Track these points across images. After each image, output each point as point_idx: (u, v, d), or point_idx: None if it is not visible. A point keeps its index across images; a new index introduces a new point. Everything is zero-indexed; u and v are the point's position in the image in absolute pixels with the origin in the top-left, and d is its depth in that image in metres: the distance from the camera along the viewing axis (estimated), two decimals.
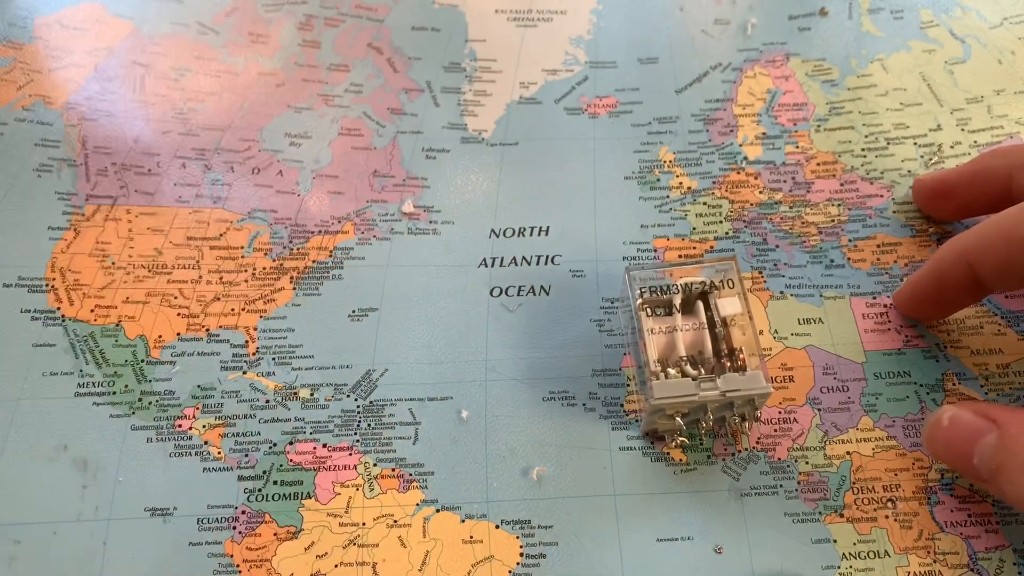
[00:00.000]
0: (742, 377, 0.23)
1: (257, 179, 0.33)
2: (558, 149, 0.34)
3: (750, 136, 0.34)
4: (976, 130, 0.33)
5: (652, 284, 0.25)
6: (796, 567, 0.23)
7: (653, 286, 0.25)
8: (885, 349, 0.27)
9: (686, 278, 0.25)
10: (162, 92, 0.36)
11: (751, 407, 0.24)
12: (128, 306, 0.29)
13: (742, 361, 0.23)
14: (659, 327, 0.24)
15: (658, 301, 0.25)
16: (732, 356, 0.24)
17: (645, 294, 0.25)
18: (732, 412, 0.24)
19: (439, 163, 0.34)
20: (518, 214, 0.32)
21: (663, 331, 0.24)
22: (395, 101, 0.36)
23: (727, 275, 0.25)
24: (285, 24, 0.39)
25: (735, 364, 0.23)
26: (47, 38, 0.38)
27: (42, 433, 0.26)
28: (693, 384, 0.23)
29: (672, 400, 0.23)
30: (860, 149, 0.33)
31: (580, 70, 0.37)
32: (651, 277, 0.25)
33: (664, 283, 0.25)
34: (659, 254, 0.30)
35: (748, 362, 0.23)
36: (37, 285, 0.30)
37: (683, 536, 0.24)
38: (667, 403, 0.23)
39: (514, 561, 0.24)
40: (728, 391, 0.23)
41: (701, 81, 0.36)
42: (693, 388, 0.23)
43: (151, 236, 0.31)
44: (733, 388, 0.23)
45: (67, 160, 0.33)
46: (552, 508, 0.24)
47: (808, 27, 0.38)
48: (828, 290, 0.29)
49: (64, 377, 0.27)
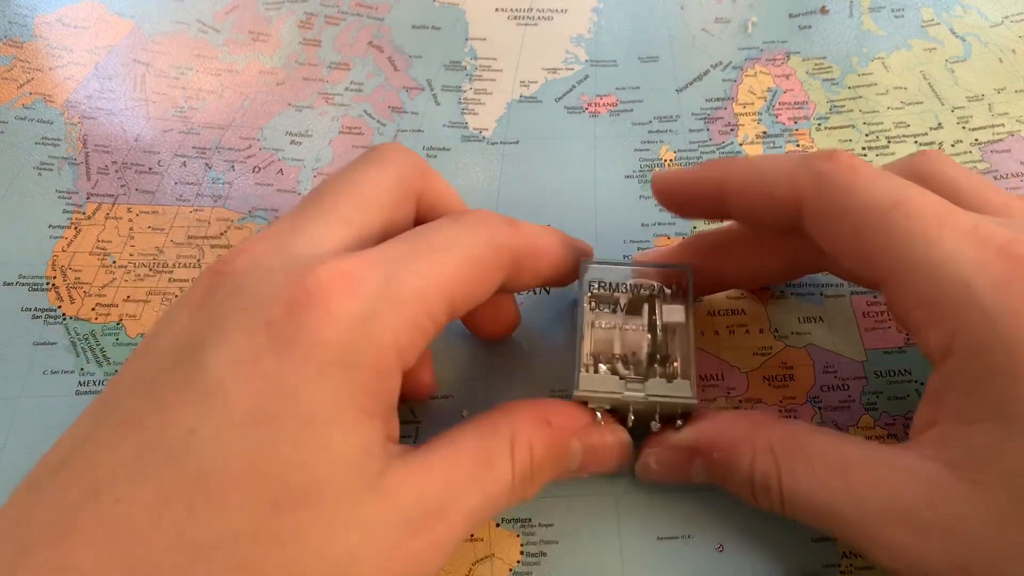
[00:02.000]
0: (669, 384, 0.23)
1: (258, 177, 0.33)
2: (558, 148, 0.34)
3: (751, 135, 0.34)
4: (977, 128, 0.33)
5: (605, 280, 0.25)
6: (799, 566, 0.23)
7: (605, 282, 0.25)
8: (886, 347, 0.27)
9: (639, 280, 0.25)
10: (163, 90, 0.36)
11: (676, 418, 0.23)
12: (129, 304, 0.29)
13: (674, 369, 0.23)
14: (602, 322, 0.24)
15: (606, 297, 0.25)
16: (665, 363, 0.24)
17: (595, 288, 0.25)
18: (655, 419, 0.23)
19: (439, 161, 0.34)
20: (518, 213, 0.32)
21: (604, 327, 0.24)
22: (396, 99, 0.36)
23: (680, 284, 0.25)
24: (285, 22, 0.39)
25: (667, 371, 0.23)
26: (47, 36, 0.38)
27: (43, 432, 0.26)
28: (620, 383, 0.23)
29: (595, 395, 0.23)
30: (861, 148, 0.33)
31: (580, 69, 0.37)
32: (606, 273, 0.25)
33: (617, 281, 0.25)
34: None
35: (680, 371, 0.23)
36: (38, 283, 0.30)
37: (684, 534, 0.24)
38: (590, 396, 0.23)
39: (514, 559, 0.24)
40: (652, 395, 0.23)
41: (702, 80, 0.36)
42: (619, 387, 0.23)
43: (152, 234, 0.31)
44: (658, 393, 0.23)
45: (67, 158, 0.33)
46: (552, 506, 0.24)
47: (809, 25, 0.38)
48: (828, 288, 0.29)
49: (65, 375, 0.27)
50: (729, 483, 0.22)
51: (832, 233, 0.21)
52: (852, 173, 0.21)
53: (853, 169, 0.21)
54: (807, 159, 0.22)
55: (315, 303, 0.17)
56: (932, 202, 0.20)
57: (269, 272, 0.18)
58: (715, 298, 0.29)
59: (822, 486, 0.20)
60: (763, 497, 0.21)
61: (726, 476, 0.22)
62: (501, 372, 0.27)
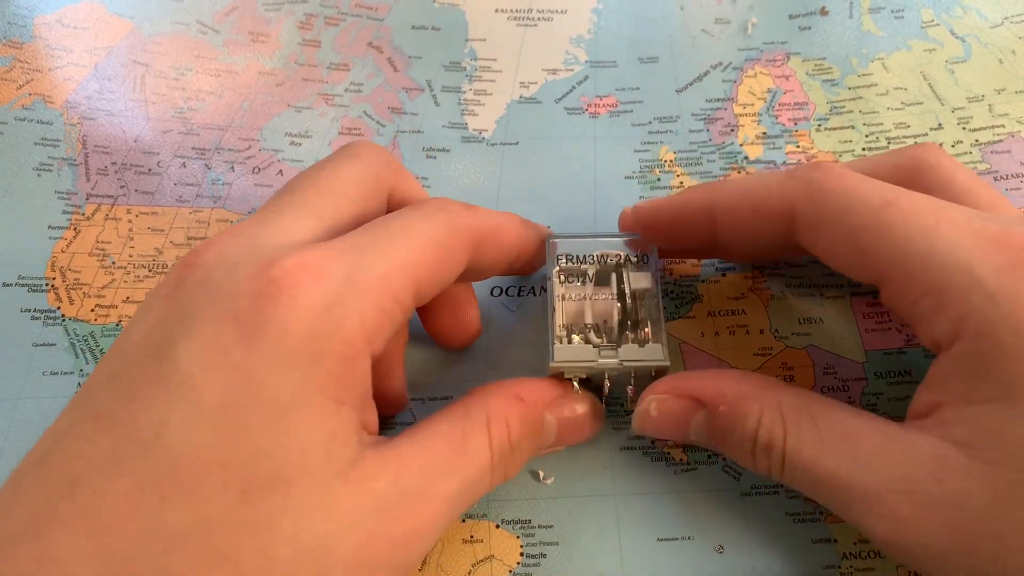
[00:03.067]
0: (641, 349, 0.23)
1: (257, 178, 0.33)
2: (558, 149, 0.34)
3: (751, 136, 0.34)
4: (977, 129, 0.33)
5: (571, 254, 0.26)
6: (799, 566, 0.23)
7: (572, 255, 0.26)
8: (886, 348, 0.27)
9: (605, 251, 0.26)
10: (162, 91, 0.36)
11: (650, 380, 0.24)
12: (128, 306, 0.29)
13: (645, 334, 0.24)
14: (571, 294, 0.25)
15: (574, 270, 0.25)
16: (636, 328, 0.24)
17: (562, 262, 0.26)
18: (631, 383, 0.24)
19: (439, 162, 0.34)
20: (518, 213, 0.32)
21: (574, 299, 0.25)
22: (395, 100, 0.36)
23: (645, 251, 0.26)
24: (285, 23, 0.39)
25: (638, 336, 0.24)
26: (47, 37, 0.38)
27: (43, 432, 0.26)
28: (593, 351, 0.23)
29: (571, 364, 0.23)
30: (861, 148, 0.33)
31: (580, 69, 0.37)
32: (572, 247, 0.26)
33: (584, 252, 0.26)
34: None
35: (652, 336, 0.24)
36: (37, 284, 0.30)
37: (683, 536, 0.24)
38: (566, 367, 0.23)
39: (514, 561, 0.24)
40: (625, 360, 0.23)
41: (701, 80, 0.36)
42: (593, 355, 0.23)
43: (151, 235, 0.31)
44: (631, 358, 0.23)
45: (67, 159, 0.33)
46: (552, 508, 0.24)
47: (809, 26, 0.38)
48: (828, 289, 0.29)
49: (64, 376, 0.27)
50: (728, 441, 0.22)
51: (828, 237, 0.22)
52: (841, 178, 0.21)
53: (841, 175, 0.22)
54: (794, 171, 0.23)
55: (281, 293, 0.18)
56: (924, 199, 0.20)
57: (237, 265, 0.19)
58: (715, 298, 0.29)
59: (829, 452, 0.20)
60: (762, 458, 0.21)
61: (727, 433, 0.22)
62: (499, 372, 0.27)
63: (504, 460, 0.21)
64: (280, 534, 0.17)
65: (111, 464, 0.16)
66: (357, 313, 0.18)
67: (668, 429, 0.23)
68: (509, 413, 0.21)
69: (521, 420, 0.22)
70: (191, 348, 0.17)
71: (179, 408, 0.17)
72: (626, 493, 0.25)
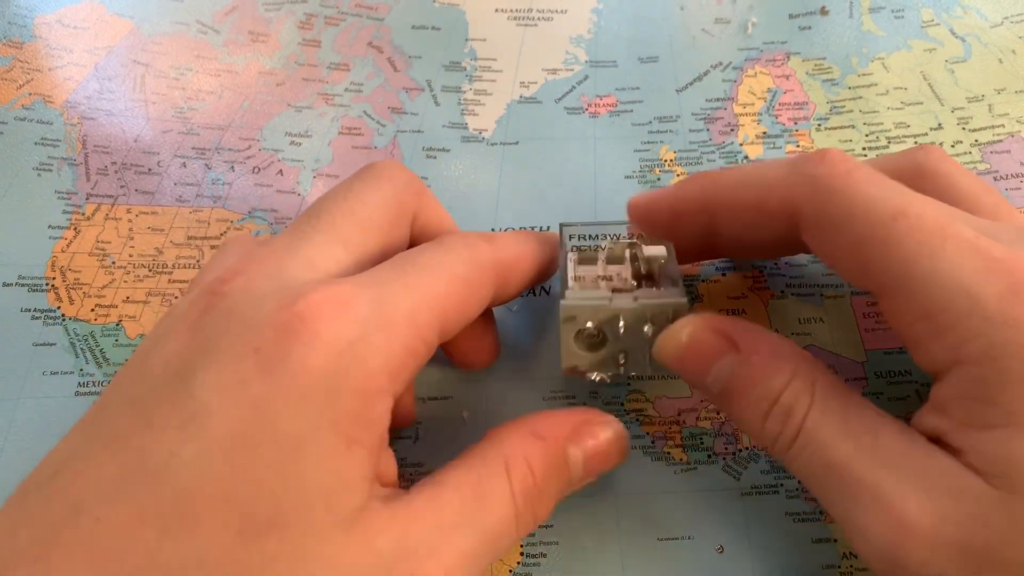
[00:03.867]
0: (658, 291, 0.22)
1: (257, 178, 0.33)
2: (558, 148, 0.34)
3: (751, 135, 0.34)
4: (977, 129, 0.33)
5: (584, 242, 0.25)
6: (799, 566, 0.23)
7: (584, 243, 0.25)
8: (886, 348, 0.27)
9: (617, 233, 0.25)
10: (162, 91, 0.36)
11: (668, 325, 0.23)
12: (128, 305, 0.29)
13: (662, 284, 0.23)
14: (584, 273, 0.24)
15: (589, 254, 0.25)
16: (650, 279, 0.23)
17: (574, 241, 0.25)
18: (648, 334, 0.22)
19: (439, 162, 0.34)
20: (518, 213, 0.32)
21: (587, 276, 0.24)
22: (395, 100, 0.36)
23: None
24: (285, 23, 0.39)
25: (654, 284, 0.23)
26: (47, 37, 0.38)
27: (43, 432, 0.26)
28: (608, 293, 0.22)
29: (584, 303, 0.22)
30: (861, 148, 0.33)
31: (580, 69, 0.37)
32: (584, 231, 0.25)
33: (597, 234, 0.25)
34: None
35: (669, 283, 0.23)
36: (37, 284, 0.30)
37: (684, 536, 0.24)
38: (579, 306, 0.22)
39: (514, 560, 0.24)
40: (642, 300, 0.22)
41: (701, 80, 0.36)
42: (607, 295, 0.22)
43: (151, 235, 0.31)
44: (648, 298, 0.22)
45: (67, 159, 0.33)
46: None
47: (809, 26, 0.38)
48: (829, 289, 0.29)
49: (64, 376, 0.27)
50: (746, 396, 0.20)
51: (832, 244, 0.21)
52: (847, 177, 0.21)
53: (848, 172, 0.21)
54: (798, 164, 0.22)
55: (305, 328, 0.17)
56: (932, 211, 0.20)
57: (263, 297, 0.19)
58: (715, 298, 0.29)
59: (851, 436, 0.19)
60: (776, 422, 0.20)
61: (750, 385, 0.20)
62: (501, 373, 0.27)
63: (531, 506, 0.20)
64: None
65: (117, 491, 0.16)
66: (382, 350, 0.18)
67: (691, 361, 0.22)
68: (529, 454, 0.20)
69: (544, 459, 0.20)
70: (209, 378, 0.17)
71: (191, 439, 0.16)
72: (626, 493, 0.25)
